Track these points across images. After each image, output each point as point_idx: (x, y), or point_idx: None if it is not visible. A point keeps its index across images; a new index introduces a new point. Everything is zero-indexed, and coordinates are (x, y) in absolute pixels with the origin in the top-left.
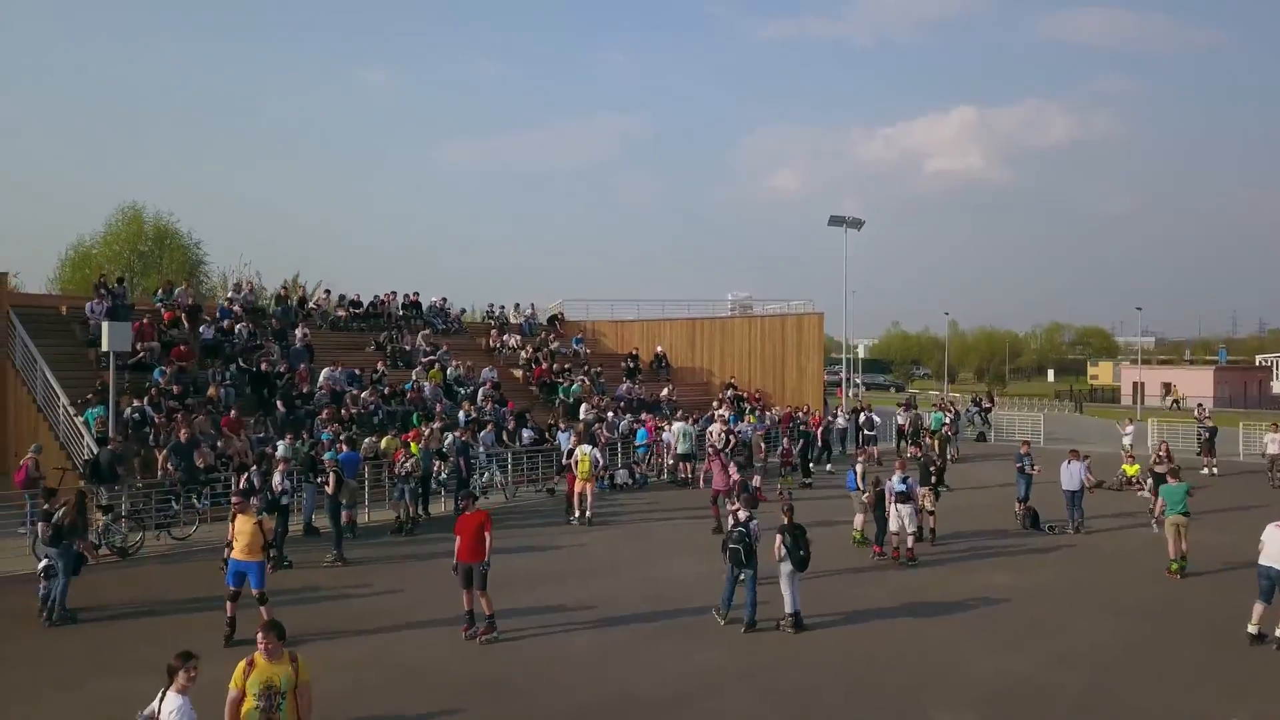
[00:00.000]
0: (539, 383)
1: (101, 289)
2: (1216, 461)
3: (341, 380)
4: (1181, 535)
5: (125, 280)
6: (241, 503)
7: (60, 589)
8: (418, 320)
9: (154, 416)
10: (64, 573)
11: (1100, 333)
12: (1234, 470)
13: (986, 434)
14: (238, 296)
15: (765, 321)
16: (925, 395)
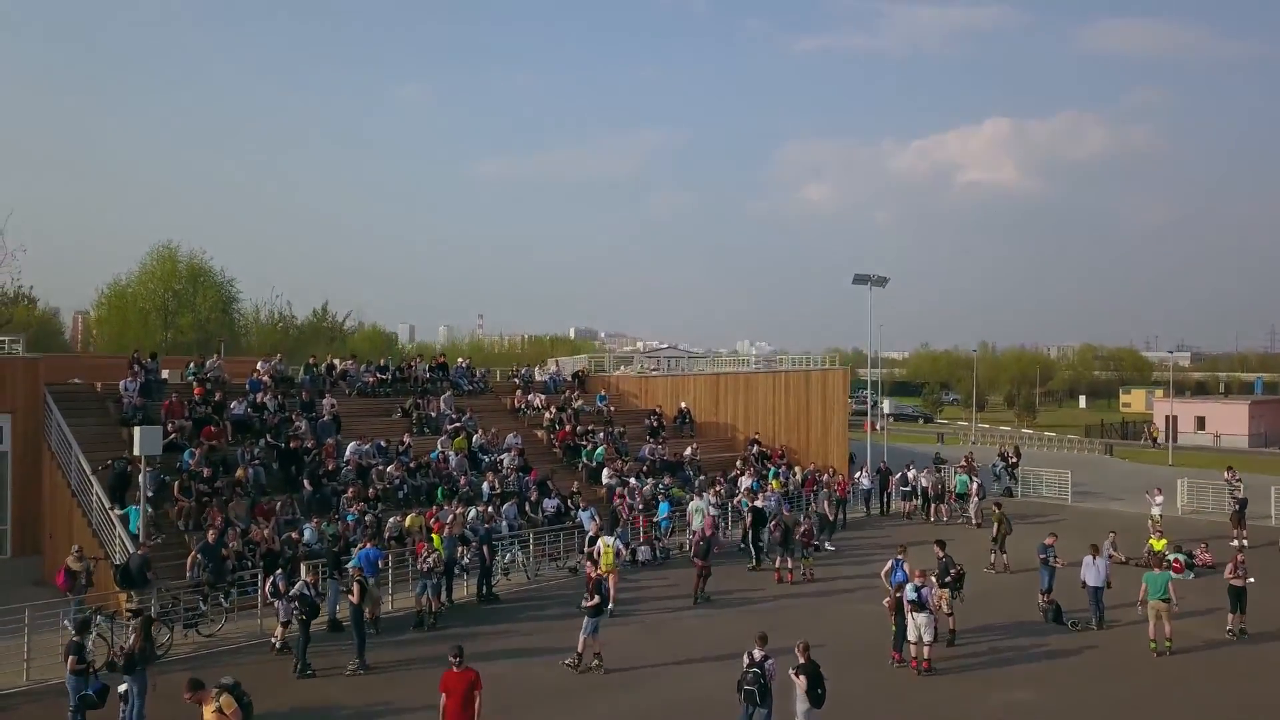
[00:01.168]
0: (563, 445)
1: (135, 364)
2: (1247, 533)
3: (368, 454)
4: (1164, 619)
5: (158, 355)
6: (197, 694)
7: (135, 713)
8: (444, 383)
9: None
10: (138, 696)
11: (1132, 355)
12: (1265, 539)
13: (1014, 489)
14: (267, 366)
15: (789, 376)
16: (954, 427)
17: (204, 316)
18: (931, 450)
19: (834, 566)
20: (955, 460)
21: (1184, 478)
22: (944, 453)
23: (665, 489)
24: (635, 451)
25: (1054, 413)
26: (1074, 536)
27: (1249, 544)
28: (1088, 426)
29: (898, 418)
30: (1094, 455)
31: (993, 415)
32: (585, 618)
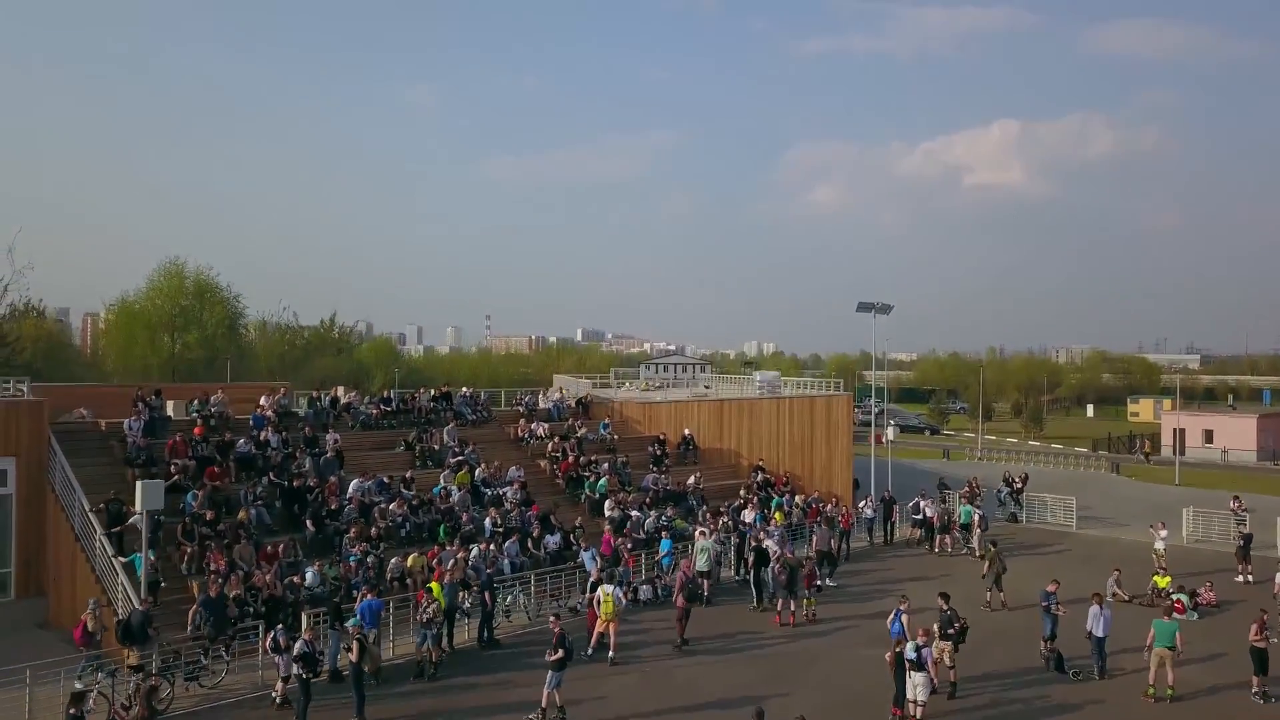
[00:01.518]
0: (565, 476)
1: (140, 401)
2: (1251, 569)
3: (371, 490)
4: (1166, 666)
5: (161, 392)
6: None
7: None
8: (447, 413)
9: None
10: None
11: (1141, 362)
12: (1270, 572)
13: (1019, 515)
14: (270, 401)
15: (793, 403)
16: (960, 439)
17: (210, 332)
18: (936, 465)
19: (836, 604)
20: (959, 484)
21: (1190, 505)
22: (949, 472)
23: (668, 521)
24: (638, 481)
25: (1061, 422)
26: (1078, 569)
27: (1254, 579)
28: (1094, 441)
29: (904, 428)
30: (1100, 473)
31: (1000, 426)
32: (549, 670)
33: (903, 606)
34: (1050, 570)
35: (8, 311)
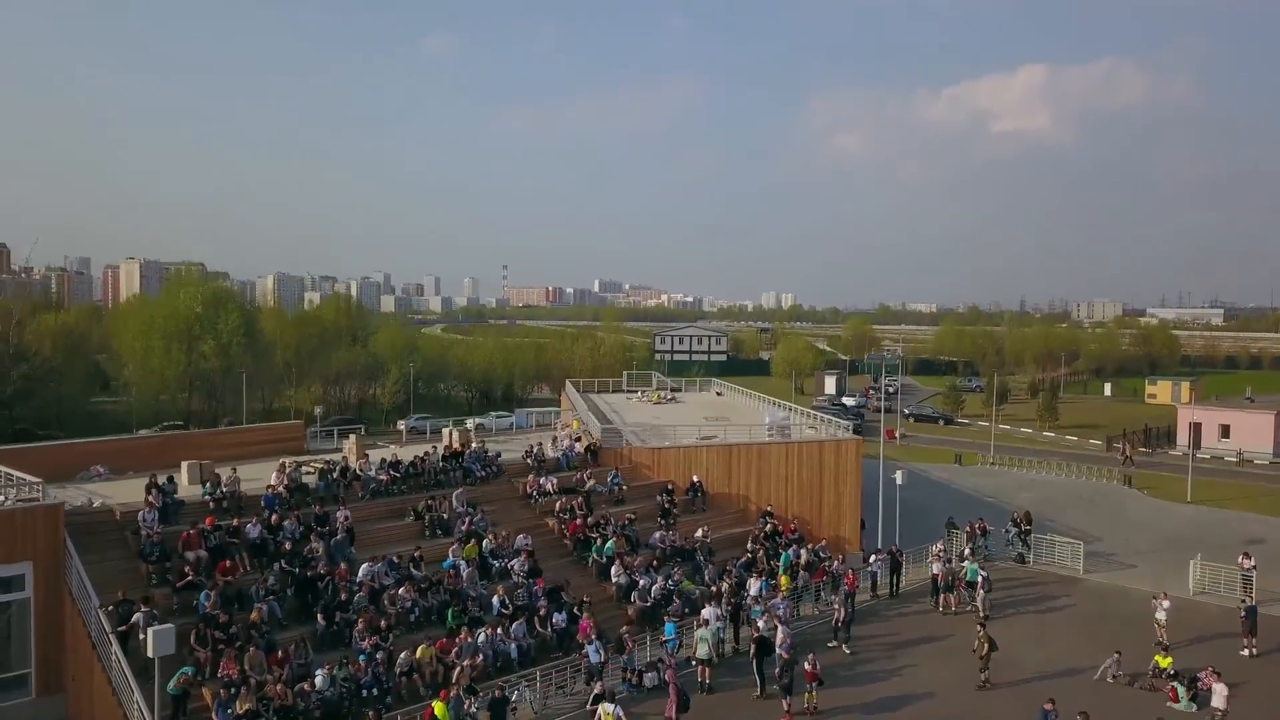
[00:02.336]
0: (573, 538)
1: (154, 489)
2: (1256, 642)
3: (380, 573)
4: None
5: (174, 479)
6: None
7: None
8: (456, 472)
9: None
10: None
11: (1162, 332)
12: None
13: (1026, 555)
14: (281, 477)
15: (803, 447)
16: (973, 432)
17: (226, 340)
18: (947, 473)
19: (839, 690)
20: (971, 504)
21: (1200, 541)
22: (960, 483)
23: (675, 584)
24: (646, 536)
25: (1077, 403)
26: (1080, 635)
27: (1258, 651)
28: (1109, 438)
29: (918, 419)
30: (1111, 485)
31: (1014, 412)
32: None
33: (1049, 707)
34: (1052, 636)
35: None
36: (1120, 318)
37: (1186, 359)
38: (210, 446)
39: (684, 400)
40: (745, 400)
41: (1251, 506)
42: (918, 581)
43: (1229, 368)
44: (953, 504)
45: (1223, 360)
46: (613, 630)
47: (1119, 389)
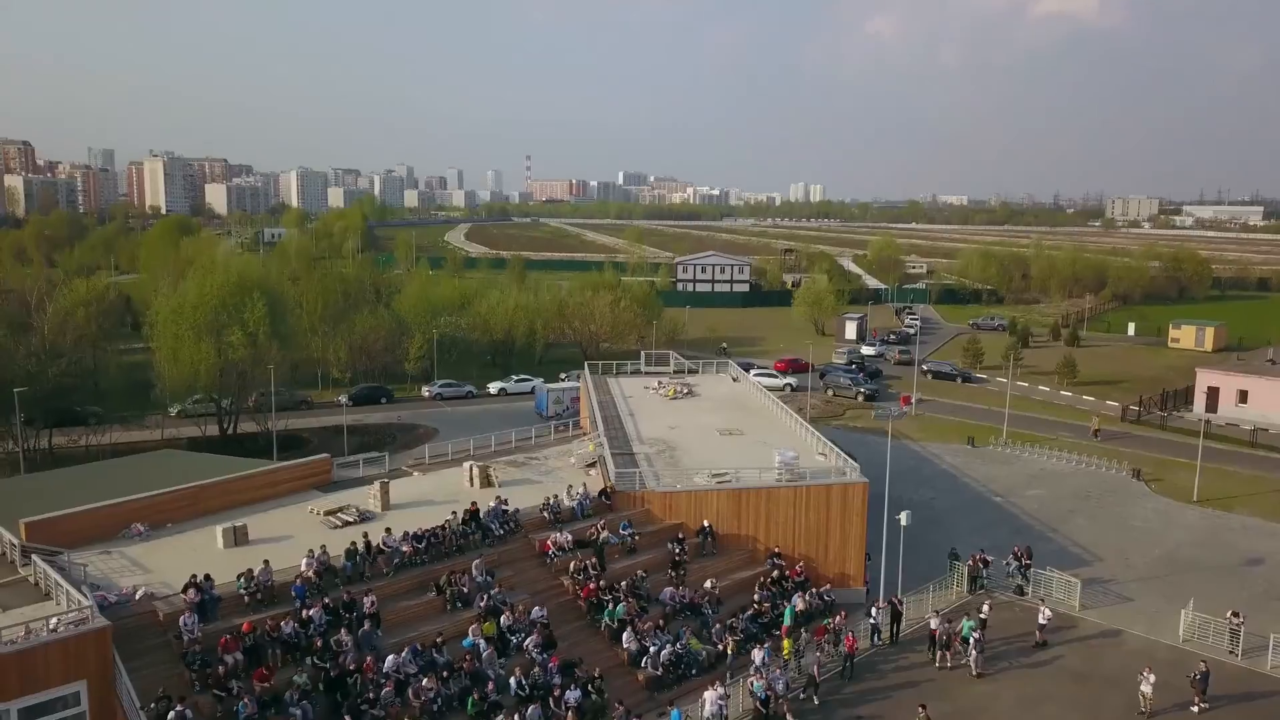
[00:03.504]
0: (587, 601)
1: (191, 588)
2: (1207, 704)
3: (405, 663)
4: None
5: (211, 576)
6: None
7: None
8: (475, 534)
9: None
10: None
11: (1192, 256)
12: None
13: (1025, 588)
14: (311, 562)
15: (810, 490)
16: (989, 391)
17: (253, 329)
18: (959, 459)
19: None
20: (978, 510)
21: (1190, 602)
22: (972, 470)
23: (684, 646)
24: (658, 591)
25: (1096, 355)
26: (1065, 699)
27: (1207, 707)
28: (1125, 406)
29: (936, 375)
30: (1120, 478)
31: (1035, 361)
32: None
33: None
34: (1037, 703)
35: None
36: (1151, 248)
37: (1218, 281)
38: (242, 490)
39: (699, 392)
40: (760, 401)
41: (1257, 508)
42: (917, 621)
43: (1261, 290)
44: (961, 506)
45: (1255, 283)
46: (626, 692)
47: (1143, 326)
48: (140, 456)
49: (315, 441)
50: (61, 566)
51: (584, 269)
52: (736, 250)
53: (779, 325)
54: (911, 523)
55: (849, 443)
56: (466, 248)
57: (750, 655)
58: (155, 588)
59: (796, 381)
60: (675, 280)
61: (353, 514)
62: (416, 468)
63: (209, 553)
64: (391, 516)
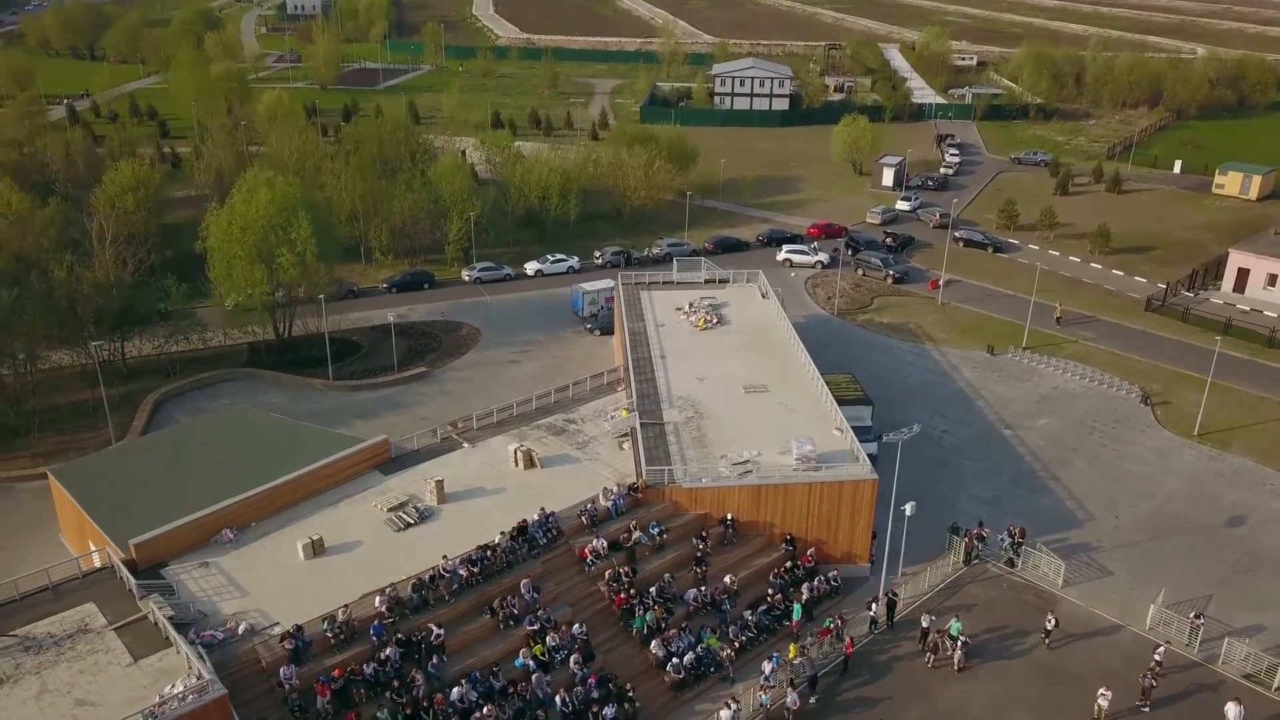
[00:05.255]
0: (621, 609)
1: (286, 637)
2: (1151, 703)
3: (467, 693)
4: None
5: (302, 627)
6: None
7: None
8: (523, 548)
9: None
10: None
11: (1257, 64)
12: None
13: (1015, 561)
14: (384, 599)
15: (823, 487)
16: (1022, 260)
17: (301, 249)
18: (975, 374)
19: None
20: (988, 448)
21: (1160, 594)
22: (988, 388)
23: (704, 648)
24: (683, 589)
25: (1136, 206)
26: (1036, 699)
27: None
28: (1149, 297)
29: (968, 244)
30: (1129, 408)
31: (1070, 226)
32: None
33: None
34: (1009, 705)
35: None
36: (1215, 53)
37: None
38: (312, 481)
39: (728, 318)
40: (784, 335)
41: (1254, 445)
42: (914, 601)
43: None
44: (970, 443)
45: None
46: (654, 693)
47: (1192, 159)
48: (212, 420)
49: (366, 347)
50: (170, 587)
51: (618, 60)
52: (780, 24)
53: (817, 160)
54: (920, 470)
55: (872, 352)
56: (494, 28)
57: (760, 665)
58: (252, 616)
59: (828, 259)
60: (712, 92)
61: (413, 514)
62: (465, 436)
63: (292, 565)
64: (447, 511)
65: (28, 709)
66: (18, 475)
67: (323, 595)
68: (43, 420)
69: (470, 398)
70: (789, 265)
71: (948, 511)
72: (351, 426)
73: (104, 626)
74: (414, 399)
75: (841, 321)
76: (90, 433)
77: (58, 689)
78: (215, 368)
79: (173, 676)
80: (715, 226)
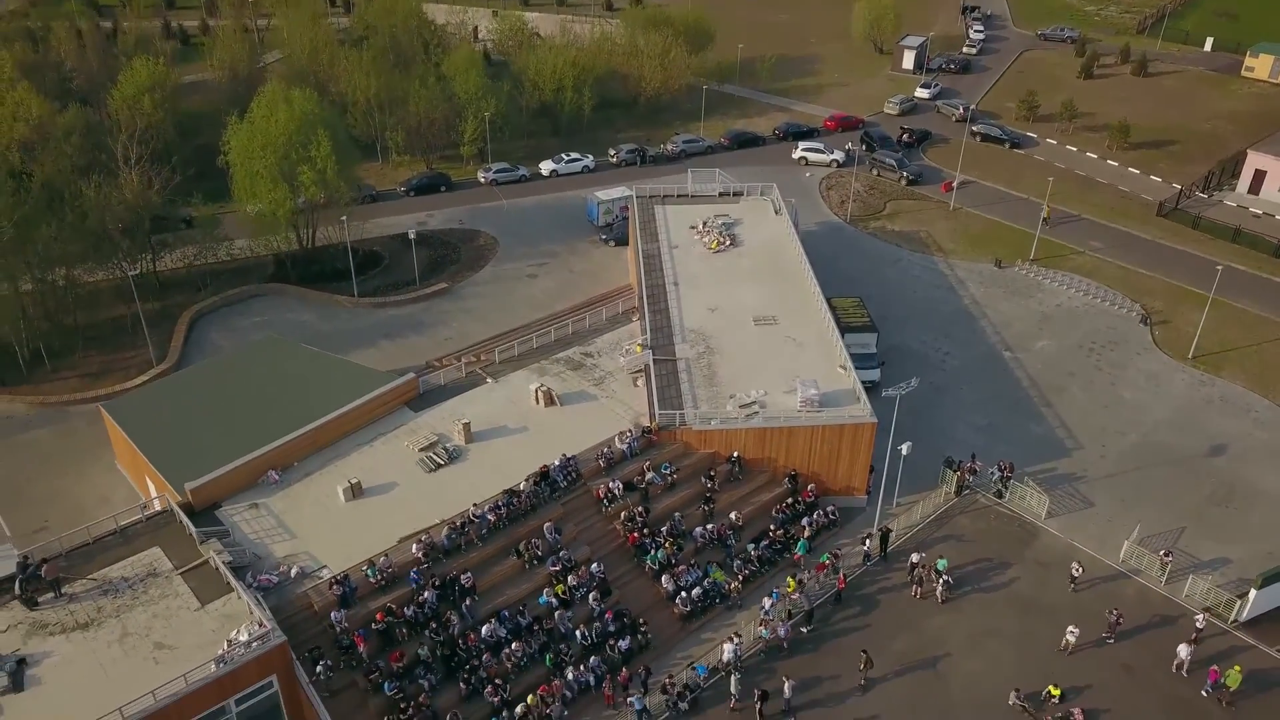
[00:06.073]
0: (635, 546)
1: (334, 584)
2: (1113, 638)
3: (497, 629)
4: None
5: (349, 575)
6: None
7: None
8: (545, 490)
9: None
10: None
11: None
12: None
13: (1003, 492)
14: (420, 545)
15: (825, 429)
16: (1040, 157)
17: (321, 167)
18: (982, 282)
19: None
20: (987, 371)
21: (1135, 529)
22: (994, 306)
23: (710, 582)
24: (692, 526)
25: (1160, 95)
26: (1008, 633)
27: (1113, 642)
28: (1161, 202)
29: (985, 139)
30: (1129, 328)
31: (1090, 116)
32: None
33: None
34: (986, 638)
35: None
36: None
37: None
38: (347, 421)
39: (740, 239)
40: (793, 259)
41: (1247, 369)
42: (906, 532)
43: None
44: (971, 366)
45: None
46: (665, 623)
47: (1226, 34)
48: (248, 353)
49: (388, 259)
50: (226, 531)
51: None
52: None
53: (837, 37)
54: (920, 398)
55: (882, 265)
56: None
57: (761, 600)
58: (301, 560)
59: (843, 158)
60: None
61: (443, 455)
62: (488, 371)
63: (334, 507)
64: (474, 450)
65: (113, 652)
66: (70, 399)
67: (363, 538)
68: (85, 338)
69: (490, 316)
70: (804, 164)
71: (944, 440)
72: (379, 347)
73: (170, 571)
74: (437, 317)
75: (854, 230)
76: (131, 351)
77: (137, 632)
78: (243, 280)
79: (237, 621)
80: (731, 117)
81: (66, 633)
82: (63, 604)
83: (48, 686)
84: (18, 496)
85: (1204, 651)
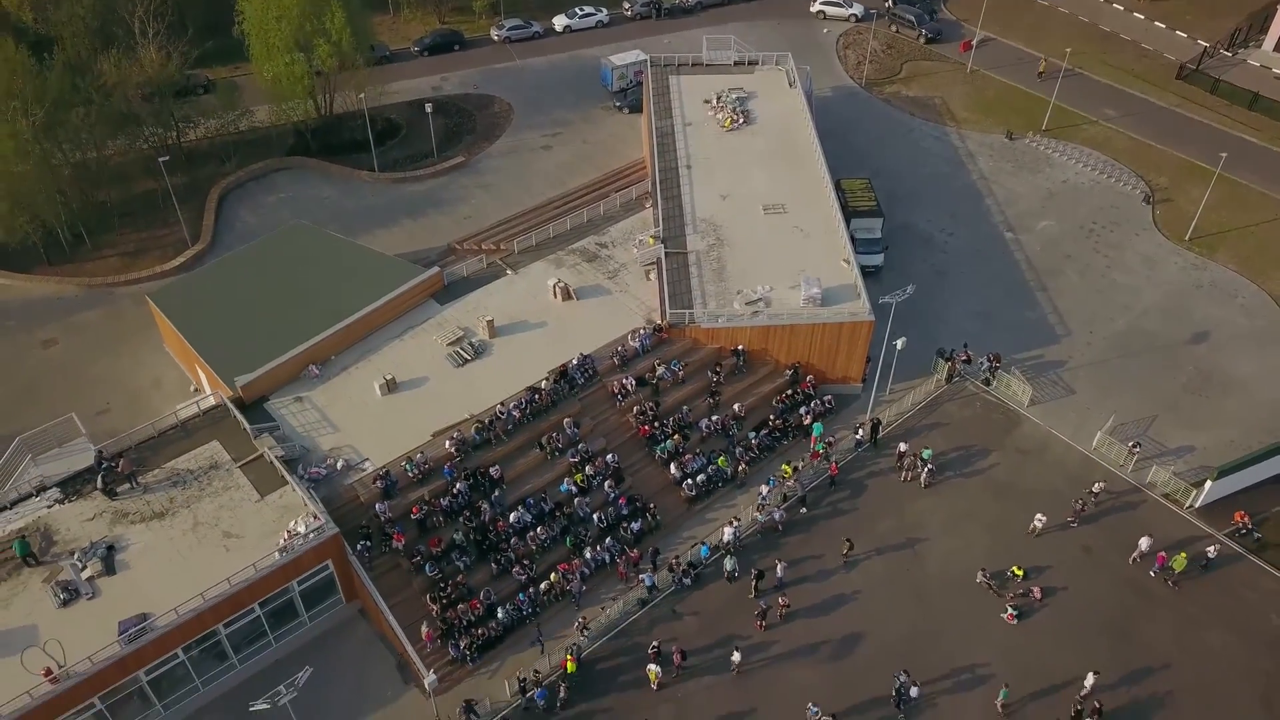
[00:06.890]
0: (647, 438)
1: (377, 479)
2: (1076, 522)
3: (523, 515)
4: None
5: (390, 471)
6: None
7: None
8: (564, 388)
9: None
10: None
11: None
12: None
13: (991, 380)
14: (454, 440)
15: (825, 327)
16: (1061, 18)
17: (336, 39)
18: (992, 154)
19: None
20: (988, 262)
21: (1110, 419)
22: (1001, 182)
23: (715, 469)
24: (698, 417)
25: None
26: (989, 519)
27: (1076, 525)
28: (1182, 65)
29: None
30: (1131, 206)
31: None
32: None
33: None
34: (964, 519)
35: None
36: None
37: None
38: (380, 315)
39: (754, 114)
40: (806, 139)
41: (1240, 251)
42: (896, 419)
43: None
44: (972, 246)
45: None
46: (673, 505)
47: None
48: (279, 240)
49: (405, 129)
50: (277, 425)
51: None
52: None
53: None
54: (921, 280)
55: (894, 136)
56: None
57: (759, 487)
58: (345, 453)
59: (861, 11)
60: None
61: (469, 350)
62: (508, 263)
63: (371, 402)
64: (498, 345)
65: (187, 540)
66: (115, 281)
67: (400, 432)
68: (120, 214)
69: (507, 192)
70: (823, 17)
71: (940, 326)
72: (402, 226)
73: (230, 463)
74: (456, 194)
75: (869, 95)
76: (164, 229)
77: (207, 522)
78: (265, 151)
79: (293, 513)
80: None
81: (145, 521)
82: (139, 494)
83: (135, 571)
84: (79, 378)
85: (1160, 537)
